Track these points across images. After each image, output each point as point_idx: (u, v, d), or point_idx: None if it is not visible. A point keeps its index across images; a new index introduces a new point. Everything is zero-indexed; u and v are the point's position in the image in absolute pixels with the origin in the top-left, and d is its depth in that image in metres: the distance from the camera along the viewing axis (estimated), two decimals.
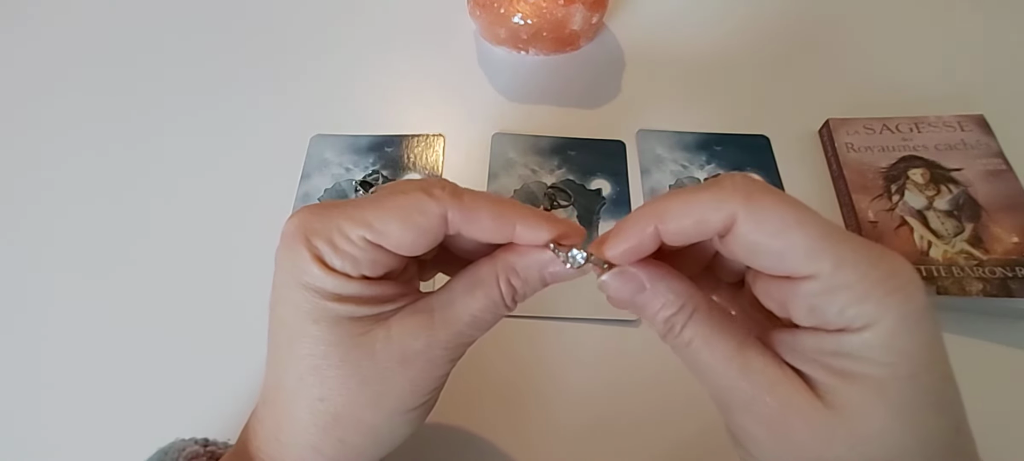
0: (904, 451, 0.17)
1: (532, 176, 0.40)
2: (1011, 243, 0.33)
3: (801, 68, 0.46)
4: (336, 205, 0.20)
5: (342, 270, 0.19)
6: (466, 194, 0.20)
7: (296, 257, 0.19)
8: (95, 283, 0.36)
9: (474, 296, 0.20)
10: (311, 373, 0.20)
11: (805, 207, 0.17)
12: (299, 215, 0.20)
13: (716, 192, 0.18)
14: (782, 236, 0.17)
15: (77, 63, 0.48)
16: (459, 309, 0.20)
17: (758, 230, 0.17)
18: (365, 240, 0.19)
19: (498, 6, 0.43)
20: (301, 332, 0.20)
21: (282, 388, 0.20)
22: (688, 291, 0.19)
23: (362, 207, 0.20)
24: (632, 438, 0.30)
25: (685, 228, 0.18)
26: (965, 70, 0.45)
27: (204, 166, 0.41)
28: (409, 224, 0.19)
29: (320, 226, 0.20)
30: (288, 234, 0.20)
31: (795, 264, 0.17)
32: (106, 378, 0.32)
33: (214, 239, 0.37)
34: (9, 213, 0.39)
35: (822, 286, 0.17)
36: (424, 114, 0.44)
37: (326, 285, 0.19)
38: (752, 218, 0.17)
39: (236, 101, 0.45)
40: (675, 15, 0.50)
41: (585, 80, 0.46)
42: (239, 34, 0.49)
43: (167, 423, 0.31)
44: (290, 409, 0.20)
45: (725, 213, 0.17)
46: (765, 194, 0.17)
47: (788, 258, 0.17)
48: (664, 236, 0.19)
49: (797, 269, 0.17)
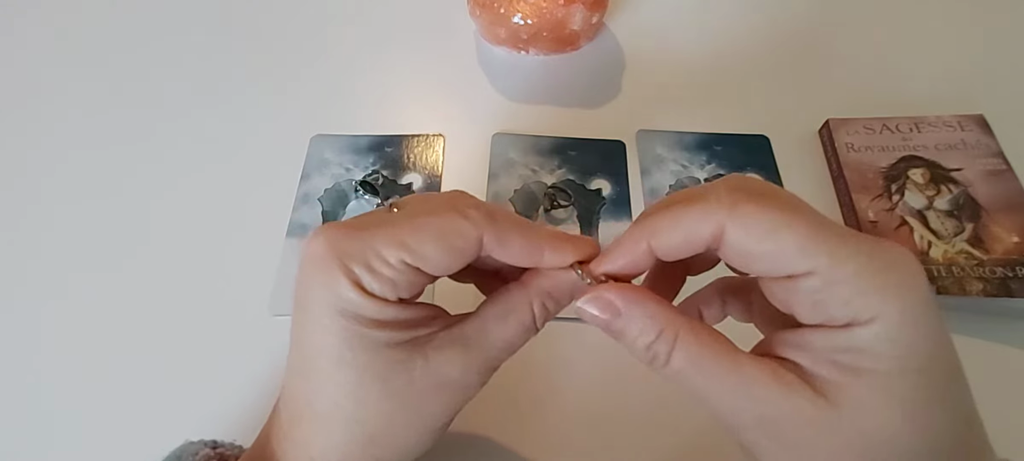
0: (911, 448, 0.17)
1: (532, 176, 0.40)
2: (1011, 243, 0.33)
3: (801, 68, 0.46)
4: (366, 225, 0.20)
5: (381, 295, 0.19)
6: (499, 216, 0.20)
7: (331, 282, 0.19)
8: (94, 283, 0.36)
9: (508, 323, 0.21)
10: (348, 398, 0.20)
11: (794, 205, 0.17)
12: (327, 236, 0.19)
13: (702, 205, 0.18)
14: (771, 239, 0.17)
15: (76, 63, 0.48)
16: (493, 336, 0.21)
17: (747, 238, 0.17)
18: (404, 263, 0.19)
19: (498, 6, 0.43)
20: (338, 359, 0.19)
21: (315, 407, 0.20)
22: (668, 315, 0.19)
23: (398, 228, 0.19)
24: (632, 438, 0.30)
25: (675, 243, 0.18)
26: (965, 70, 0.45)
27: (204, 166, 0.41)
28: (447, 247, 0.19)
29: (355, 249, 0.19)
30: (319, 257, 0.19)
31: (790, 264, 0.17)
32: (106, 378, 0.32)
33: (214, 239, 0.37)
34: (9, 213, 0.39)
35: (822, 281, 0.16)
36: (424, 114, 0.44)
37: (365, 311, 0.19)
38: (739, 227, 0.17)
39: (236, 101, 0.45)
40: (675, 15, 0.50)
41: (585, 80, 0.46)
42: (239, 34, 0.49)
43: (166, 423, 0.31)
44: (324, 427, 0.20)
45: (712, 225, 0.17)
46: (750, 200, 0.17)
47: (781, 259, 0.17)
48: (657, 252, 0.19)
49: (793, 268, 0.17)
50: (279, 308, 0.34)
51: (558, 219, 0.38)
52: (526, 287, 0.21)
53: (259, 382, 0.32)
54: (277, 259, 0.36)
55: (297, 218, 0.38)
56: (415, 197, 0.22)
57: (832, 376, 0.17)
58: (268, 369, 0.32)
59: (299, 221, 0.38)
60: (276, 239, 0.37)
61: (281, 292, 0.35)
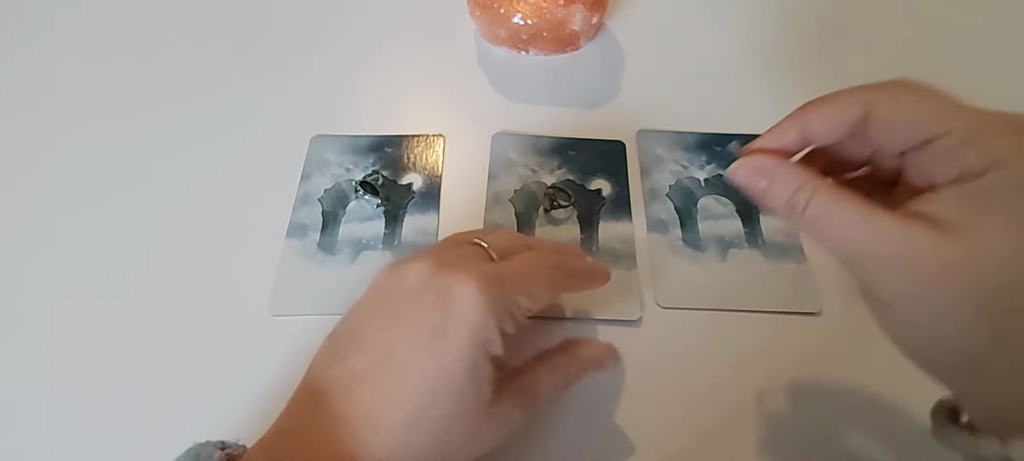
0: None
1: (532, 176, 0.40)
2: None
3: (800, 68, 0.46)
4: (509, 277, 0.24)
5: (509, 334, 0.24)
6: (577, 271, 0.27)
7: (486, 327, 0.23)
8: (94, 283, 0.36)
9: (555, 379, 0.26)
10: (445, 421, 0.23)
11: (926, 87, 0.20)
12: (483, 286, 0.23)
13: (850, 91, 0.21)
14: (915, 109, 0.20)
15: (76, 63, 0.48)
16: (543, 390, 0.26)
17: (895, 109, 0.20)
18: (527, 309, 0.24)
19: (498, 6, 0.43)
20: (456, 386, 0.23)
21: (402, 419, 0.23)
22: (806, 175, 0.21)
23: (531, 282, 0.25)
24: (632, 437, 0.30)
25: (827, 122, 0.21)
26: (965, 70, 0.45)
27: (204, 166, 0.41)
28: (553, 295, 0.26)
29: (504, 299, 0.24)
30: (480, 305, 0.23)
31: (932, 126, 0.19)
32: (105, 378, 0.32)
33: (214, 239, 0.37)
34: (9, 213, 0.39)
35: (960, 137, 0.18)
36: (424, 114, 0.44)
37: (495, 349, 0.24)
38: (887, 101, 0.20)
39: (236, 102, 0.45)
40: (675, 15, 0.50)
41: (585, 80, 0.46)
42: (239, 34, 0.49)
43: (166, 423, 0.31)
44: (407, 438, 0.23)
45: (861, 104, 0.20)
46: (891, 84, 0.20)
47: (926, 124, 0.19)
48: (808, 133, 0.22)
49: (935, 129, 0.19)
50: (279, 308, 0.34)
51: (558, 219, 0.38)
52: (568, 353, 0.27)
53: (258, 382, 0.32)
54: (277, 259, 0.36)
55: (297, 218, 0.38)
56: (500, 236, 0.27)
57: (962, 217, 0.18)
58: (267, 369, 0.32)
59: (299, 221, 0.38)
60: (276, 239, 0.37)
61: (281, 292, 0.35)
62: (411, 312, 0.24)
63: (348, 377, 0.24)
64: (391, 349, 0.23)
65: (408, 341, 0.23)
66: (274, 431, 0.24)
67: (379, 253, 0.36)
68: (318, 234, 0.37)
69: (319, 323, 0.33)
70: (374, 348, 0.24)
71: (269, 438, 0.24)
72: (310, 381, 0.25)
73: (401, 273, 0.25)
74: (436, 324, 0.23)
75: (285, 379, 0.32)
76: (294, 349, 0.33)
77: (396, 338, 0.23)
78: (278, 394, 0.32)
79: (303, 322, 0.34)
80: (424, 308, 0.23)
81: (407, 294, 0.24)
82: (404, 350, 0.23)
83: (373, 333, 0.24)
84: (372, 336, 0.24)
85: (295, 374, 0.32)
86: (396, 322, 0.24)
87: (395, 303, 0.24)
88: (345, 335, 0.26)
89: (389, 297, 0.25)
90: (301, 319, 0.34)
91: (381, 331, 0.24)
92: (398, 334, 0.23)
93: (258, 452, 0.23)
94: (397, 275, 0.25)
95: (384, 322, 0.24)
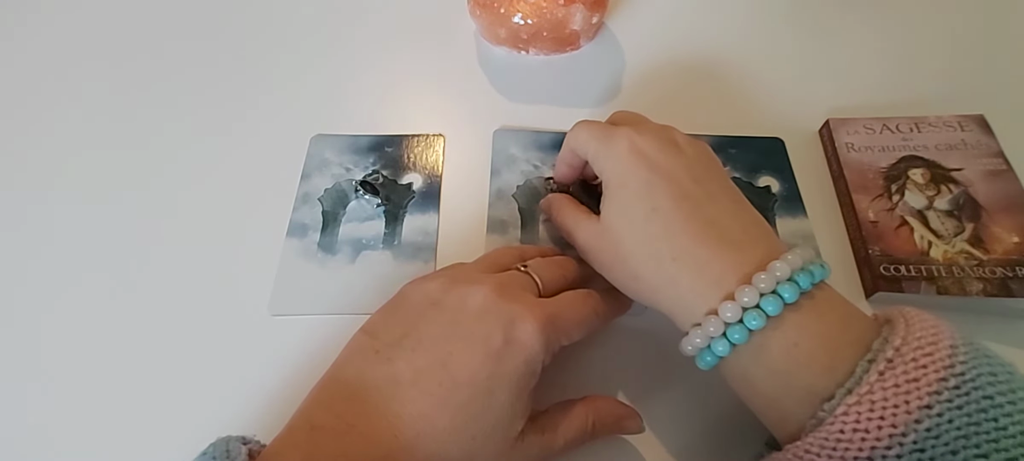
0: (630, 236, 0.27)
1: (534, 172, 0.40)
2: (1011, 243, 0.33)
3: (801, 68, 0.46)
4: (560, 319, 0.27)
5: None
6: (606, 313, 0.29)
7: (537, 360, 0.25)
8: (94, 283, 0.36)
9: (573, 427, 0.27)
10: (478, 439, 0.24)
11: (600, 124, 0.31)
12: (541, 326, 0.25)
13: (579, 144, 0.32)
14: (586, 149, 0.31)
15: (75, 64, 0.48)
16: (561, 436, 0.27)
17: (585, 150, 0.31)
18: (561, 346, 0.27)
19: (498, 6, 0.43)
20: (498, 408, 0.24)
21: (445, 429, 0.24)
22: (554, 196, 0.35)
23: (575, 325, 0.27)
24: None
25: (573, 163, 0.34)
26: (965, 70, 0.45)
27: (204, 166, 0.41)
28: (588, 330, 0.28)
29: (553, 339, 0.26)
30: (538, 341, 0.25)
31: (591, 161, 0.31)
32: (105, 378, 0.32)
33: (214, 239, 0.37)
34: (9, 213, 0.39)
35: (596, 166, 0.30)
36: (424, 114, 0.44)
37: (534, 383, 0.26)
38: (589, 146, 0.31)
39: (236, 101, 0.45)
40: (675, 15, 0.50)
41: (585, 80, 0.46)
42: (239, 34, 0.49)
43: (166, 423, 0.31)
44: (445, 449, 0.24)
45: (582, 155, 0.32)
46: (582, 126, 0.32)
47: (591, 160, 0.31)
48: (574, 171, 0.35)
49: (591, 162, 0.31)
50: (278, 308, 0.34)
51: None
52: (588, 405, 0.28)
53: (258, 382, 0.32)
54: (277, 259, 0.36)
55: (297, 218, 0.38)
56: (540, 265, 0.30)
57: (605, 213, 0.29)
58: (267, 369, 0.32)
59: (299, 221, 0.38)
60: (276, 239, 0.37)
61: (281, 292, 0.35)
62: (474, 331, 0.25)
63: (395, 379, 0.24)
64: (448, 361, 0.24)
65: (466, 356, 0.24)
66: (307, 427, 0.24)
67: (379, 253, 0.36)
68: (318, 234, 0.37)
69: (319, 323, 0.34)
70: (428, 356, 0.25)
71: (301, 435, 0.24)
72: (347, 377, 0.25)
73: (462, 293, 0.26)
74: (496, 349, 0.24)
75: (285, 378, 0.32)
76: (294, 349, 0.33)
77: (455, 351, 0.24)
78: (278, 393, 0.32)
79: (303, 322, 0.34)
80: (486, 331, 0.25)
81: (470, 315, 0.25)
82: (461, 364, 0.24)
83: (428, 342, 0.25)
84: (427, 344, 0.25)
85: (295, 374, 0.33)
86: (457, 337, 0.25)
87: (456, 319, 0.26)
88: (389, 337, 0.26)
89: (449, 312, 0.26)
90: (301, 319, 0.34)
91: (439, 342, 0.25)
92: (458, 349, 0.25)
93: (288, 450, 0.23)
94: (457, 293, 0.27)
95: (443, 333, 0.25)
